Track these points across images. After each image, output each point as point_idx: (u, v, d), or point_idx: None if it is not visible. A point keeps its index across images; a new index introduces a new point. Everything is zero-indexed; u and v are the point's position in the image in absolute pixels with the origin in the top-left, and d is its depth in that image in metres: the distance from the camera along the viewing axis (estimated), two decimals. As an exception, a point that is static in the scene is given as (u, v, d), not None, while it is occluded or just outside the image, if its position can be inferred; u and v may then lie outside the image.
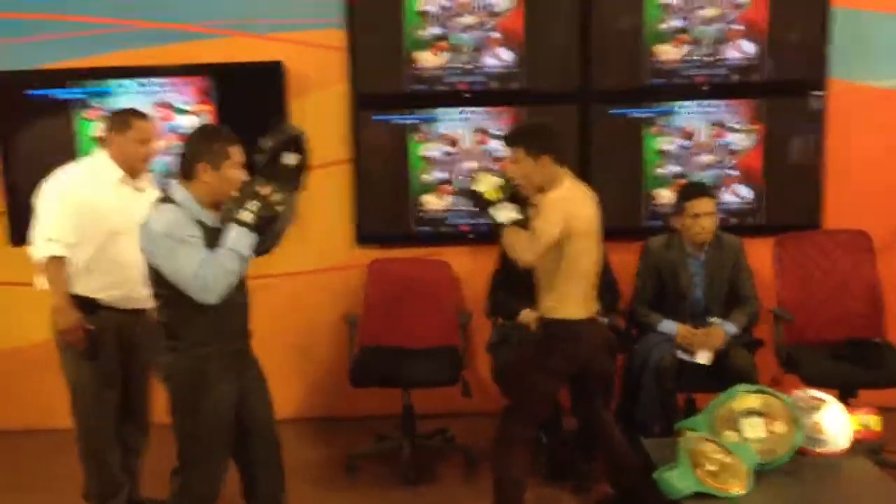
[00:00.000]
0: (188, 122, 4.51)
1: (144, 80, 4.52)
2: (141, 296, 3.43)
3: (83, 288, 3.42)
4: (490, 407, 4.05)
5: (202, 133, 3.04)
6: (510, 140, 3.48)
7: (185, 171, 2.95)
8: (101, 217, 3.40)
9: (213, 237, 2.89)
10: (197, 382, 2.94)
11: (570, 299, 3.36)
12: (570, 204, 3.30)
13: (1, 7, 4.55)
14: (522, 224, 3.29)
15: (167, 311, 2.94)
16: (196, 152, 2.94)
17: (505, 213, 3.30)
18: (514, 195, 3.38)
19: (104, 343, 3.45)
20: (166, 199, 2.94)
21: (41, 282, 3.44)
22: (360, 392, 4.58)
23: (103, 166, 3.47)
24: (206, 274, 2.81)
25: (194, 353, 2.92)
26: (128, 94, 4.49)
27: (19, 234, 4.44)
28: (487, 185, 3.34)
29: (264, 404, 3.16)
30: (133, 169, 3.48)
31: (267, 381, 3.15)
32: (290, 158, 2.97)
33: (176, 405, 2.98)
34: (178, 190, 2.95)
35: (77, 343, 3.41)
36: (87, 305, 3.42)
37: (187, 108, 4.54)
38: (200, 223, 2.89)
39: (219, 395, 2.97)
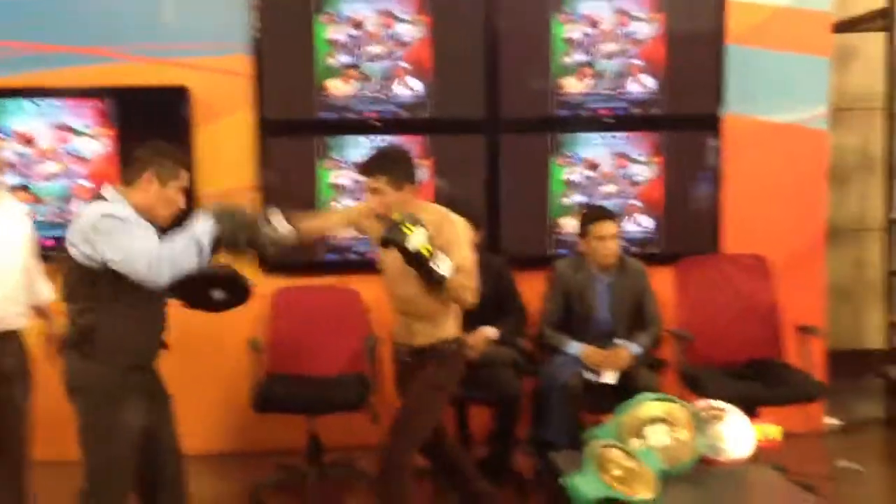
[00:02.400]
0: (86, 145, 4.40)
1: (41, 101, 4.39)
2: (8, 315, 3.27)
3: None
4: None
5: (158, 147, 2.99)
6: (372, 169, 3.30)
7: (129, 177, 2.91)
8: None
9: None
10: (112, 394, 2.83)
11: (452, 318, 3.37)
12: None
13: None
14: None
15: (86, 315, 2.82)
16: (148, 162, 2.90)
17: (446, 265, 3.13)
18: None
19: None
20: (99, 197, 2.88)
21: None
22: (265, 425, 4.49)
23: None
24: (161, 252, 2.73)
25: (111, 363, 2.82)
26: (25, 115, 4.36)
27: None
28: (418, 240, 3.07)
29: (173, 434, 3.07)
30: None
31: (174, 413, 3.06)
32: (218, 294, 3.14)
33: (86, 419, 2.85)
34: (111, 192, 2.89)
35: None
36: None
37: (87, 130, 4.43)
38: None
39: (132, 410, 2.86)
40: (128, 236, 2.76)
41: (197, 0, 4.56)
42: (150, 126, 4.40)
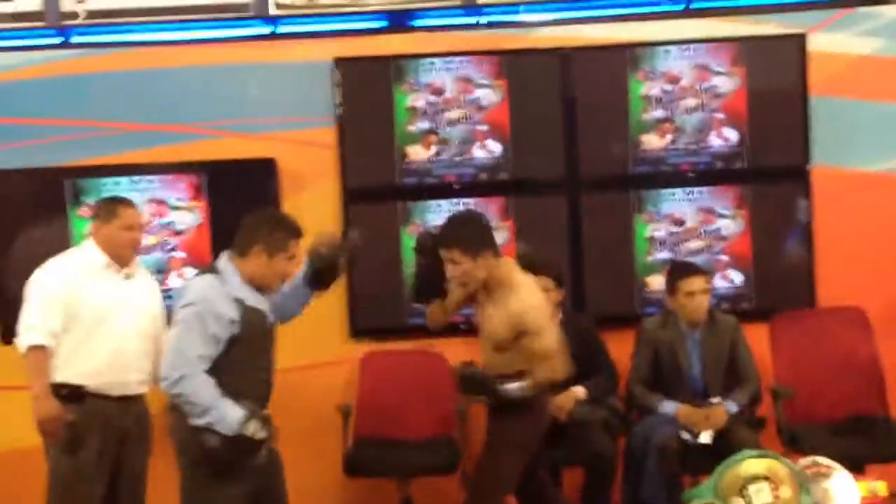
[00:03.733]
0: (180, 218, 4.56)
1: (137, 178, 4.56)
2: (131, 381, 3.43)
3: (69, 375, 3.37)
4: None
5: (268, 217, 3.15)
6: (444, 241, 3.32)
7: (241, 249, 3.01)
8: (86, 304, 3.38)
9: (249, 315, 2.95)
10: (214, 464, 2.90)
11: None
12: (537, 298, 3.31)
13: (6, 113, 4.63)
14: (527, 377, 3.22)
15: None
16: (256, 234, 3.01)
17: (515, 387, 3.20)
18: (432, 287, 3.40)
19: (86, 435, 3.35)
20: (211, 268, 2.96)
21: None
22: (356, 491, 4.50)
23: (89, 254, 3.48)
24: (192, 375, 2.86)
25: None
26: (122, 192, 4.53)
27: (12, 333, 4.44)
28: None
29: (282, 489, 3.17)
30: (120, 256, 3.49)
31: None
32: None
33: (190, 484, 2.96)
34: (226, 262, 2.99)
35: (55, 434, 3.33)
36: (72, 394, 3.35)
37: (180, 204, 4.59)
38: (237, 300, 2.90)
39: (239, 477, 2.93)
40: (187, 336, 2.89)
41: (282, 77, 4.70)
42: (239, 197, 4.53)
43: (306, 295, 3.31)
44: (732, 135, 4.67)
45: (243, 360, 2.96)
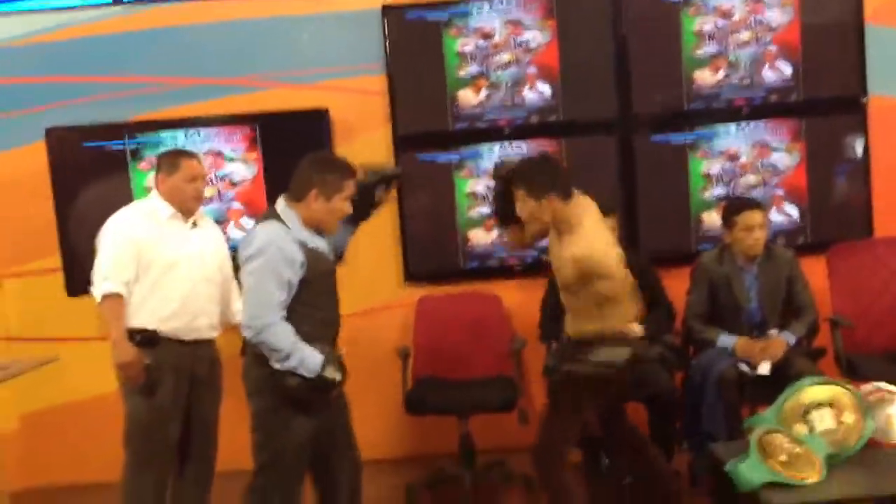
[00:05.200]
0: (236, 170, 4.65)
1: (193, 130, 4.65)
2: (202, 326, 3.53)
3: (142, 320, 3.47)
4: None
5: (321, 160, 3.15)
6: (512, 181, 3.33)
7: (297, 193, 3.06)
8: (154, 252, 3.47)
9: (313, 257, 3.01)
10: (284, 399, 2.99)
11: (609, 316, 3.30)
12: (603, 246, 3.25)
13: (58, 72, 4.74)
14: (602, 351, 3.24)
15: None
16: (311, 178, 3.04)
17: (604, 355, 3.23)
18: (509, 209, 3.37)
19: (162, 378, 3.47)
20: (272, 213, 3.04)
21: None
22: (416, 428, 4.60)
23: (156, 205, 3.56)
24: (274, 322, 2.93)
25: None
26: (179, 145, 4.63)
27: (76, 286, 4.60)
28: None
29: (348, 428, 3.23)
30: (185, 207, 3.56)
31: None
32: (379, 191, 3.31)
33: (260, 420, 3.04)
34: (284, 208, 3.05)
35: (135, 378, 3.44)
36: (146, 339, 3.46)
37: (235, 155, 4.67)
38: (301, 243, 2.98)
39: (304, 413, 3.02)
40: (263, 284, 2.95)
41: (331, 27, 4.73)
42: (293, 147, 4.57)
43: (349, 230, 3.35)
44: (787, 68, 4.61)
45: (311, 302, 3.02)
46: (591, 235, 3.22)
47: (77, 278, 4.57)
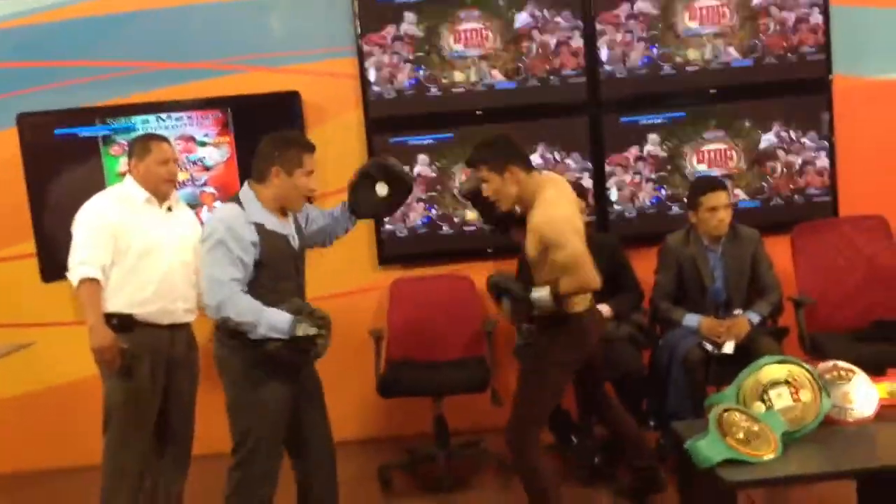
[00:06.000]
0: (209, 154, 4.67)
1: (165, 115, 4.66)
2: (177, 309, 3.56)
3: (118, 305, 3.49)
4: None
5: (279, 138, 3.17)
6: (472, 161, 3.40)
7: (258, 174, 3.09)
8: (129, 236, 3.49)
9: (270, 239, 3.04)
10: (251, 373, 3.04)
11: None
12: (564, 209, 3.28)
13: (29, 57, 4.73)
14: (554, 286, 3.21)
15: None
16: (270, 156, 3.08)
17: (544, 297, 3.20)
18: (498, 214, 3.42)
19: (139, 361, 3.50)
20: (232, 198, 3.10)
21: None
22: (390, 410, 4.67)
23: (130, 190, 3.58)
24: (229, 296, 2.96)
25: (250, 344, 3.02)
26: (151, 129, 4.62)
27: (51, 272, 4.61)
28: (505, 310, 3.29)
29: (321, 411, 3.27)
30: (159, 190, 3.58)
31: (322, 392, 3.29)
32: (381, 189, 3.33)
33: (230, 397, 3.10)
34: (246, 190, 3.09)
35: (111, 362, 3.47)
36: (123, 323, 3.48)
37: (207, 140, 4.68)
38: (258, 225, 3.01)
39: (272, 389, 3.06)
40: (218, 263, 2.99)
41: (303, 10, 4.74)
42: (265, 131, 4.58)
43: (349, 219, 3.42)
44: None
45: (269, 284, 3.05)
46: (551, 204, 3.26)
47: (51, 264, 4.59)
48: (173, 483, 3.69)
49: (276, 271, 3.09)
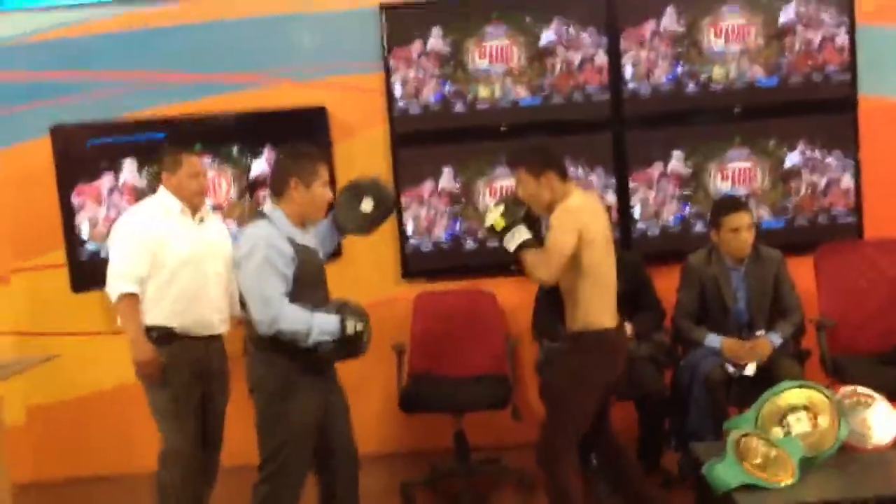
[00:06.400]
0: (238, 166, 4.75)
1: (193, 126, 4.71)
2: (213, 321, 3.61)
3: (156, 317, 3.55)
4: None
5: (294, 152, 3.25)
6: (510, 163, 3.51)
7: (276, 188, 3.17)
8: (166, 249, 3.55)
9: (303, 253, 3.11)
10: (284, 389, 3.11)
11: (596, 309, 3.36)
12: (581, 213, 3.31)
13: (62, 67, 4.82)
14: (533, 244, 3.29)
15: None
16: (287, 169, 3.15)
17: (514, 241, 3.29)
18: (529, 217, 3.40)
19: (179, 373, 3.55)
20: (259, 215, 3.17)
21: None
22: (411, 425, 4.70)
23: (164, 202, 3.64)
24: (282, 311, 3.03)
25: (282, 359, 3.10)
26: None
27: (80, 282, 4.71)
28: (493, 216, 3.34)
29: (346, 424, 3.33)
30: (191, 202, 3.65)
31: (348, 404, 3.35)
32: (367, 204, 3.33)
33: (261, 412, 3.16)
34: (269, 207, 3.17)
35: (152, 375, 3.53)
36: (162, 335, 3.54)
37: (237, 153, 4.75)
38: (290, 239, 3.09)
39: (302, 404, 3.13)
40: (263, 281, 3.05)
41: (331, 25, 4.80)
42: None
43: (336, 235, 3.45)
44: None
45: (305, 295, 3.12)
46: (570, 203, 3.32)
47: (81, 274, 4.70)
48: (202, 493, 3.74)
49: (309, 283, 3.16)
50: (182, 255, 3.56)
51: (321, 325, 3.06)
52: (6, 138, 4.81)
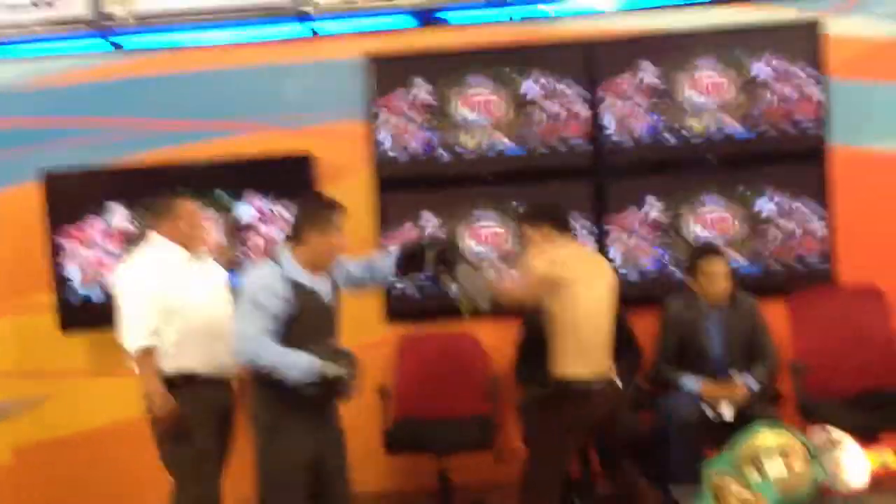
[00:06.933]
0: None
1: (182, 173, 4.75)
2: (228, 363, 3.58)
3: (179, 364, 3.58)
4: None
5: (312, 201, 3.43)
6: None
7: (295, 234, 3.29)
8: (177, 296, 3.60)
9: (303, 295, 3.21)
10: (277, 423, 3.20)
11: (569, 357, 3.51)
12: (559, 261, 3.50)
13: (52, 113, 4.92)
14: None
15: None
16: (307, 216, 3.28)
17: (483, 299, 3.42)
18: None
19: (200, 421, 3.58)
20: (270, 255, 3.30)
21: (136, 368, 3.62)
22: (394, 467, 4.73)
23: (164, 249, 3.69)
24: (259, 348, 3.12)
25: (278, 394, 3.19)
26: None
27: (68, 322, 4.78)
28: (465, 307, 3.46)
29: (340, 467, 3.41)
30: (189, 247, 3.71)
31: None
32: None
33: (257, 444, 3.25)
34: (281, 249, 3.29)
35: (169, 429, 3.55)
36: (185, 382, 3.58)
37: (226, 199, 4.82)
38: (294, 282, 3.18)
39: (296, 439, 3.22)
40: (248, 319, 3.16)
41: (318, 74, 4.92)
42: (282, 189, 4.79)
43: (388, 275, 3.58)
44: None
45: (303, 339, 3.20)
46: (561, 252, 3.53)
47: (69, 315, 4.76)
48: None
49: (309, 325, 3.25)
50: (193, 299, 3.63)
51: (299, 364, 3.12)
52: (-2, 181, 4.88)
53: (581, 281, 3.53)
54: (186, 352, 3.59)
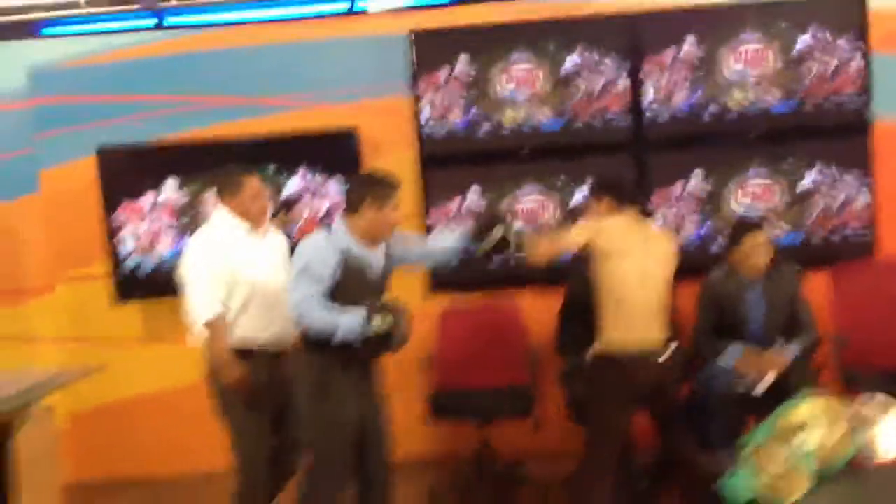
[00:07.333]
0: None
1: (231, 147, 4.91)
2: (289, 335, 3.68)
3: (242, 335, 3.68)
4: (561, 445, 4.36)
5: (371, 176, 3.52)
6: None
7: (353, 206, 3.39)
8: (239, 272, 3.68)
9: (351, 263, 3.33)
10: (323, 385, 3.32)
11: (611, 327, 3.60)
12: (613, 230, 3.61)
13: (108, 91, 5.05)
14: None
15: None
16: (365, 190, 3.38)
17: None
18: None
19: (261, 390, 3.68)
20: (327, 227, 3.42)
21: (192, 339, 3.72)
22: (436, 435, 4.85)
23: (230, 224, 3.76)
24: (307, 310, 3.25)
25: (322, 356, 3.33)
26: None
27: (123, 292, 4.96)
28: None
29: (380, 433, 3.52)
30: (255, 222, 3.79)
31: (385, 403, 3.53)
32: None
33: (302, 409, 3.37)
34: (337, 219, 3.42)
35: (240, 394, 3.64)
36: (242, 352, 3.66)
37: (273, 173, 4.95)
38: (345, 251, 3.30)
39: (341, 402, 3.34)
40: (299, 285, 3.30)
41: (361, 50, 5.01)
42: (327, 165, 4.92)
43: (456, 249, 3.68)
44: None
45: (349, 302, 3.30)
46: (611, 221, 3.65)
47: (124, 285, 4.95)
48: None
49: (353, 292, 3.34)
50: (253, 272, 3.70)
51: (346, 323, 3.24)
52: (54, 158, 5.04)
53: (625, 253, 3.60)
54: (249, 323, 3.69)
